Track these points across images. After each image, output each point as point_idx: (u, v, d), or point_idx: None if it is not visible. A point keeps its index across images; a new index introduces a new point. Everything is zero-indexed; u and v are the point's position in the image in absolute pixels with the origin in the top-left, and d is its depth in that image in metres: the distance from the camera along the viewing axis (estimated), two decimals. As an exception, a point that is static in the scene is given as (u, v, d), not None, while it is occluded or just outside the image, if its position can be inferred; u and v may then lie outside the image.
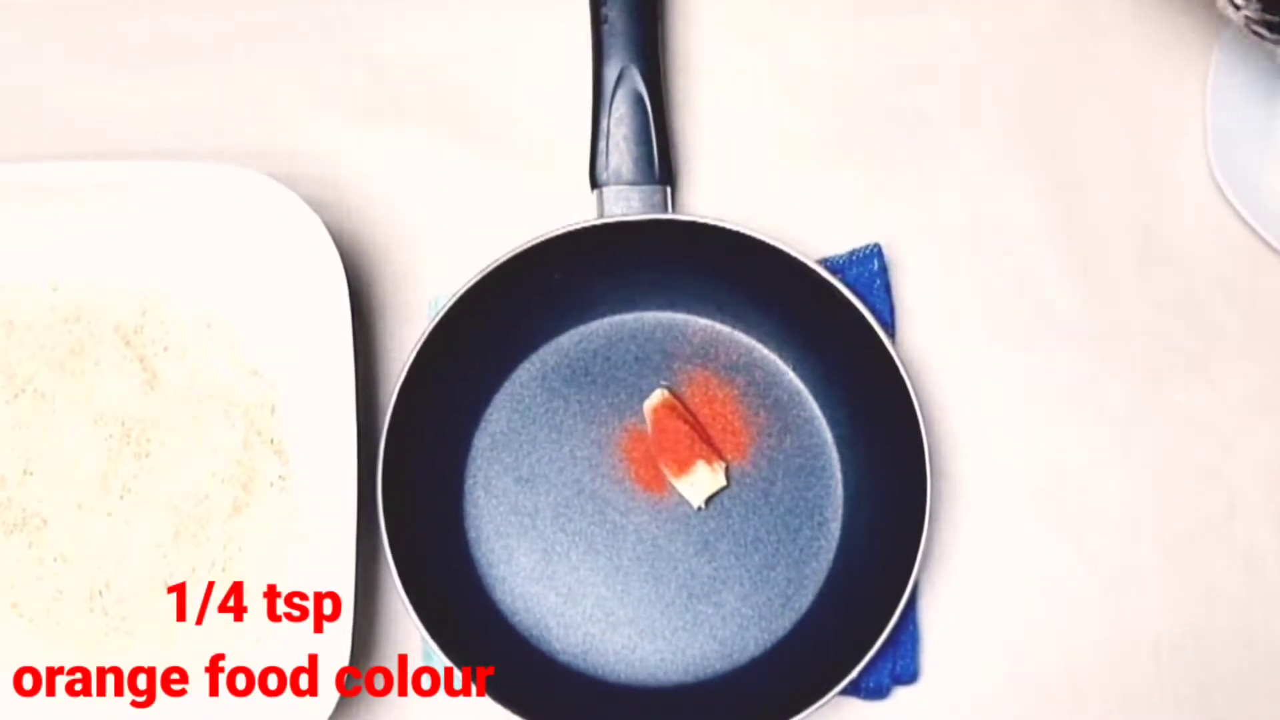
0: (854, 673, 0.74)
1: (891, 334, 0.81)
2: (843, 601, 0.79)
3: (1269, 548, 0.83)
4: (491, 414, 0.82)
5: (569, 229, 0.78)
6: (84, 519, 0.77)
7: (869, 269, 0.83)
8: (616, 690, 0.80)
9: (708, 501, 0.81)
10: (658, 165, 0.80)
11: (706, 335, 0.83)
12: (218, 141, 0.85)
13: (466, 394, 0.82)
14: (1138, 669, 0.81)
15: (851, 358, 0.79)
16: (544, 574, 0.81)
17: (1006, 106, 0.87)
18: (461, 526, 0.81)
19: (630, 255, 0.80)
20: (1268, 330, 0.85)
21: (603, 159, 0.80)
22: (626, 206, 0.80)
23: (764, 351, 0.83)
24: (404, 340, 0.82)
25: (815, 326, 0.80)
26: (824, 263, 0.81)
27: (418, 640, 0.80)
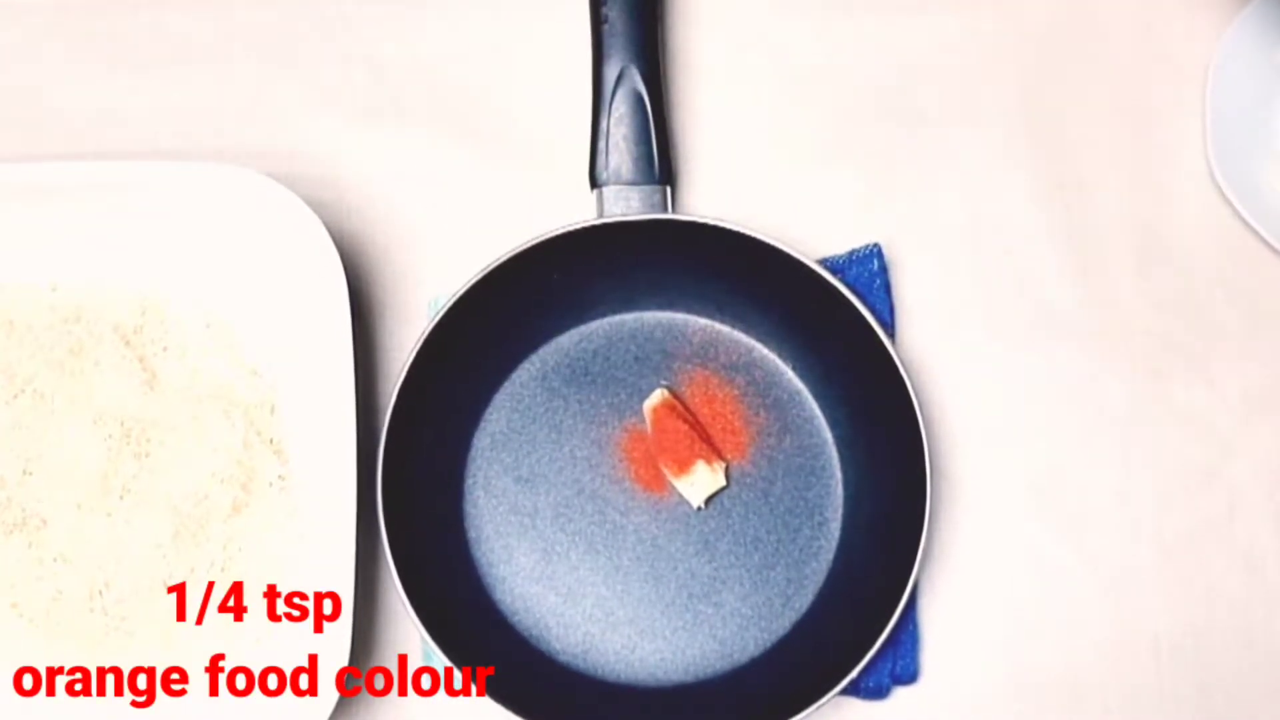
0: (854, 673, 0.74)
1: (891, 334, 0.81)
2: (843, 601, 0.79)
3: (1269, 548, 0.83)
4: (491, 414, 0.82)
5: (569, 229, 0.78)
6: (84, 519, 0.77)
7: (869, 269, 0.83)
8: (616, 690, 0.80)
9: (708, 501, 0.81)
10: (657, 165, 0.80)
11: (706, 335, 0.83)
12: (218, 141, 0.85)
13: (466, 394, 0.82)
14: (1138, 669, 0.81)
15: (851, 358, 0.79)
16: (544, 574, 0.81)
17: (1006, 106, 0.87)
18: (461, 526, 0.81)
19: (630, 255, 0.80)
20: (1268, 330, 0.85)
21: (602, 159, 0.80)
22: (626, 206, 0.80)
23: (764, 351, 0.83)
24: (404, 340, 0.82)
25: (815, 326, 0.80)
26: (824, 263, 0.81)
27: (418, 640, 0.80)
